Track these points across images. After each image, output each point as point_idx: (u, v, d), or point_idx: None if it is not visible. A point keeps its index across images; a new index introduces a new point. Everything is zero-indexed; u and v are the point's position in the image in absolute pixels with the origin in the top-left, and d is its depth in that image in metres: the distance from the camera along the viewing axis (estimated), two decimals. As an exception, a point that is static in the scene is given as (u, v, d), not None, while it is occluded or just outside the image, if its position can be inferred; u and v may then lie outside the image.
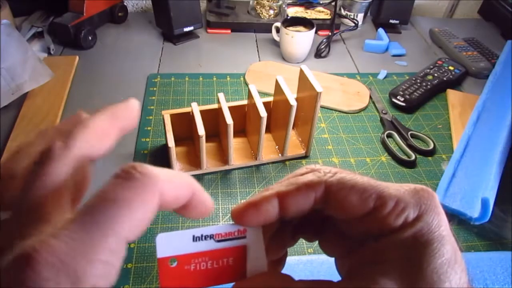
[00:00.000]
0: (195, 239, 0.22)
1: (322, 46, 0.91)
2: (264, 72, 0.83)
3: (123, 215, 0.17)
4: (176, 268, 0.22)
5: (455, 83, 0.84)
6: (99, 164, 0.53)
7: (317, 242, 0.28)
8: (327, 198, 0.23)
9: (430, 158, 0.67)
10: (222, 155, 0.63)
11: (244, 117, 0.65)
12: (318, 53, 0.91)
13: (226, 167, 0.62)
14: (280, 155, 0.64)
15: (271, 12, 0.99)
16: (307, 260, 0.49)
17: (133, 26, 0.98)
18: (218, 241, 0.22)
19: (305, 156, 0.66)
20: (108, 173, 0.18)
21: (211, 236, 0.22)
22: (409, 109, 0.76)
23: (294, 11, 1.02)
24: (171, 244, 0.22)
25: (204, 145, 0.56)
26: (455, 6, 1.17)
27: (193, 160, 0.62)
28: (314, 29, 0.85)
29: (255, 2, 0.99)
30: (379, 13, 1.01)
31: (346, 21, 1.03)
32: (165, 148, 0.64)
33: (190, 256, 0.22)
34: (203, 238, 0.22)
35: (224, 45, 0.93)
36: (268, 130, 0.67)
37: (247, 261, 0.23)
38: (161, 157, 0.63)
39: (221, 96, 0.58)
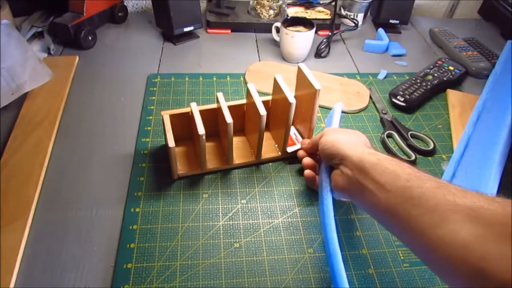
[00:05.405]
0: None
1: (322, 46, 0.91)
2: (264, 72, 0.83)
3: None
4: None
5: (455, 83, 0.84)
6: (99, 164, 0.53)
7: (316, 242, 0.39)
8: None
9: (430, 158, 0.67)
10: (222, 154, 0.63)
11: (243, 117, 0.65)
12: (318, 53, 0.91)
13: (226, 167, 0.62)
14: (279, 153, 0.64)
15: (271, 12, 0.99)
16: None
17: (133, 26, 0.98)
18: None
19: (305, 156, 0.66)
20: (109, 173, 0.18)
21: None
22: (409, 109, 0.76)
23: (294, 11, 1.02)
24: None
25: (204, 145, 0.56)
26: (455, 6, 1.17)
27: (193, 160, 0.62)
28: (314, 29, 0.85)
29: (255, 2, 0.99)
30: (379, 13, 1.01)
31: (346, 21, 1.03)
32: (165, 148, 0.64)
33: None
34: None
35: (224, 45, 0.93)
36: (267, 128, 0.67)
37: None
38: (161, 157, 0.63)
39: (220, 95, 0.58)
